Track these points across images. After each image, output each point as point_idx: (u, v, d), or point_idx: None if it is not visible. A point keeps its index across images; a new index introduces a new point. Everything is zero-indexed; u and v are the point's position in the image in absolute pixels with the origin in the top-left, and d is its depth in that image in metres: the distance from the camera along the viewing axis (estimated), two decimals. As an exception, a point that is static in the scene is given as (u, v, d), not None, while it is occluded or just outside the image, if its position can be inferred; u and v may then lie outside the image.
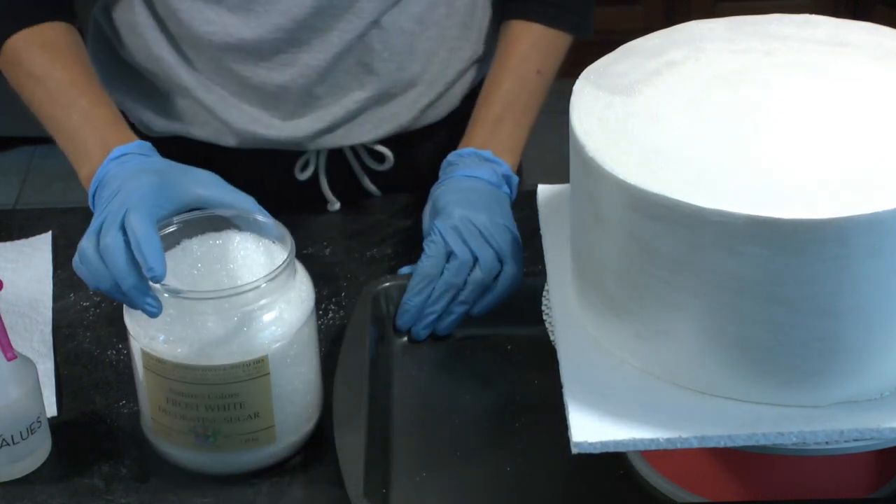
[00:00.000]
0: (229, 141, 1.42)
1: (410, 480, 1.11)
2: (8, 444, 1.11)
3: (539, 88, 1.42)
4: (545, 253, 1.13)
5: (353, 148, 1.46)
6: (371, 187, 1.49)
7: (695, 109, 1.00)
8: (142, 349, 1.08)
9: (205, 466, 1.11)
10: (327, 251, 1.39)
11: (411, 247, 1.38)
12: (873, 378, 0.95)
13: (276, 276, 1.07)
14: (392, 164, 1.46)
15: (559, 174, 1.14)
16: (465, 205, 1.27)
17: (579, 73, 1.06)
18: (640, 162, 0.95)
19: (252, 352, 1.07)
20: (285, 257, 1.09)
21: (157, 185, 1.13)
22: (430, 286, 1.24)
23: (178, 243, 1.12)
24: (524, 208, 1.42)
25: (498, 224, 1.26)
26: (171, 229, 1.12)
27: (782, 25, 1.10)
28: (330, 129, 1.43)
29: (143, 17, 1.39)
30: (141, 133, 1.40)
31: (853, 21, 1.11)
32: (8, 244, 1.41)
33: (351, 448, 1.08)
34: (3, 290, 1.14)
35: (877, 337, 0.94)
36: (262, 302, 1.07)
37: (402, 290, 1.25)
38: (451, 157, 1.36)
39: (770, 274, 0.91)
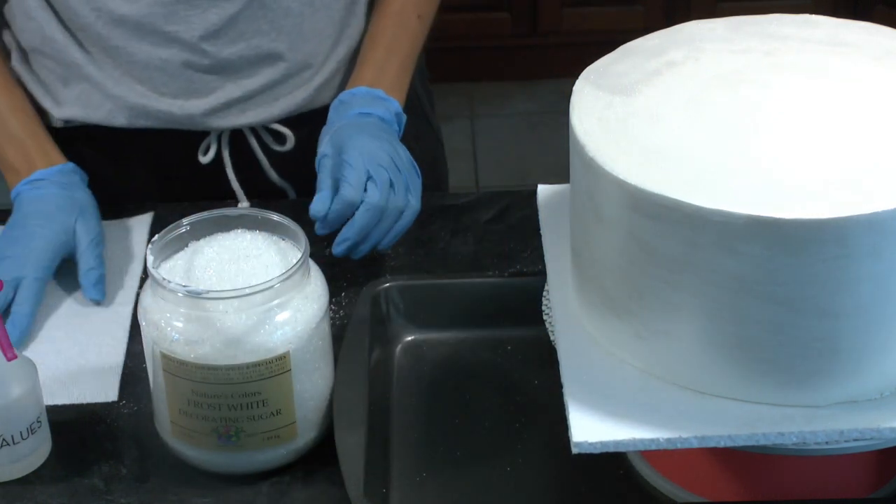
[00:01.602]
0: (121, 120, 1.45)
1: (410, 480, 1.11)
2: (8, 444, 1.11)
3: (419, 32, 1.49)
4: (545, 253, 1.13)
5: (253, 129, 1.49)
6: (274, 176, 1.51)
7: (695, 109, 1.00)
8: (161, 352, 1.08)
9: (226, 466, 1.12)
10: (327, 251, 1.39)
11: (412, 247, 1.38)
12: (873, 378, 0.95)
13: (295, 272, 1.08)
14: (294, 145, 1.49)
15: (559, 174, 1.14)
16: (370, 138, 1.33)
17: (579, 73, 1.06)
18: (640, 162, 0.95)
19: (274, 349, 1.07)
20: (298, 254, 1.10)
21: (42, 249, 1.30)
22: (352, 211, 1.28)
23: (187, 245, 1.12)
24: (524, 208, 1.42)
25: (401, 157, 1.33)
26: (180, 231, 1.12)
27: (782, 25, 1.10)
28: (223, 107, 1.45)
29: (33, 0, 1.41)
30: (50, 127, 1.47)
31: (853, 21, 1.11)
32: (107, 223, 1.42)
33: (351, 448, 1.08)
34: None
35: (877, 337, 0.94)
36: (282, 299, 1.07)
37: (403, 290, 1.25)
38: (343, 95, 1.42)
39: (770, 274, 0.91)
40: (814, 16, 1.12)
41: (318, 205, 1.27)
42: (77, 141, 1.48)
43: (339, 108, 1.40)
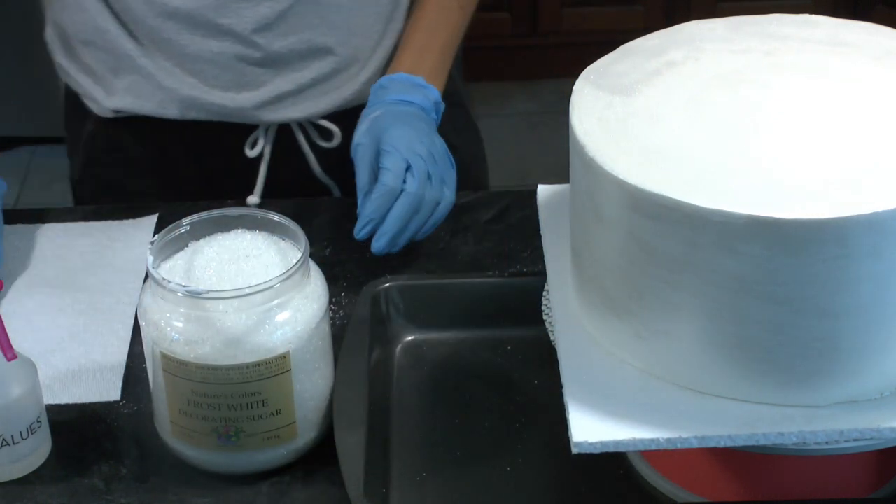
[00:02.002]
0: (172, 112, 1.46)
1: (410, 480, 1.11)
2: (8, 444, 1.11)
3: (460, 22, 1.49)
4: (545, 253, 1.13)
5: (300, 125, 1.50)
6: (319, 172, 1.52)
7: (695, 109, 1.00)
8: (161, 352, 1.08)
9: (226, 466, 1.12)
10: (327, 251, 1.39)
11: (412, 246, 1.38)
12: (873, 378, 0.95)
13: (295, 272, 1.08)
14: (340, 142, 1.49)
15: (559, 174, 1.14)
16: (408, 127, 1.32)
17: (579, 73, 1.06)
18: (640, 162, 0.95)
19: (274, 349, 1.07)
20: (298, 254, 1.10)
21: None
22: (392, 200, 1.28)
23: (187, 245, 1.12)
24: (524, 208, 1.42)
25: (438, 148, 1.32)
26: (180, 231, 1.12)
27: (782, 25, 1.10)
28: (274, 100, 1.46)
29: None
30: (90, 119, 1.50)
31: (853, 21, 1.11)
32: (115, 223, 1.43)
33: (351, 448, 1.08)
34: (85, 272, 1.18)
35: (877, 337, 0.94)
36: (282, 299, 1.07)
37: (403, 290, 1.25)
38: (383, 80, 1.41)
39: (770, 274, 0.91)
40: (814, 16, 1.12)
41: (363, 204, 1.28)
42: (123, 131, 1.49)
43: (378, 92, 1.40)
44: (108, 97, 1.48)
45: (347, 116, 1.48)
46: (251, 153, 1.50)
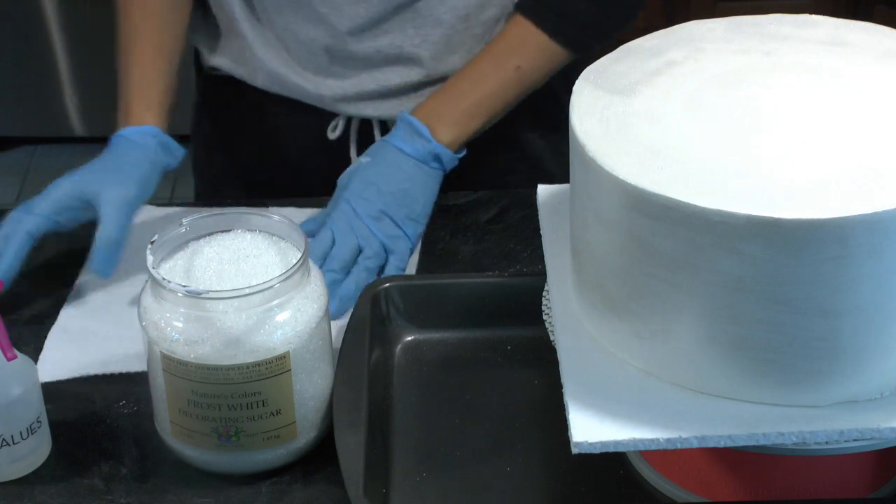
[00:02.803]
0: (260, 80, 1.50)
1: (410, 480, 1.11)
2: (8, 444, 1.11)
3: (514, 82, 1.44)
4: (545, 253, 1.13)
5: (381, 121, 1.51)
6: None
7: (695, 109, 1.00)
8: (161, 352, 1.08)
9: (226, 466, 1.12)
10: (327, 251, 1.39)
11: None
12: (873, 378, 0.95)
13: (295, 272, 1.08)
14: None
15: (559, 174, 1.14)
16: (374, 189, 1.35)
17: (579, 74, 1.06)
18: (640, 162, 0.95)
19: (274, 349, 1.07)
20: (298, 254, 1.10)
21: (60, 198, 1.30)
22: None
23: (187, 245, 1.12)
24: (524, 208, 1.42)
25: (400, 216, 1.34)
26: (180, 231, 1.12)
27: (782, 25, 1.10)
28: (355, 97, 1.48)
29: None
30: (201, 76, 1.58)
31: (853, 21, 1.11)
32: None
33: (351, 448, 1.08)
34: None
35: (877, 337, 0.94)
36: (282, 299, 1.07)
37: (403, 290, 1.25)
38: (401, 114, 1.42)
39: (770, 274, 0.91)
40: (814, 16, 1.12)
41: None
42: (226, 89, 1.55)
43: (397, 122, 1.42)
44: (210, 55, 1.52)
45: None
46: (332, 135, 1.52)
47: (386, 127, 1.51)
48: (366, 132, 1.53)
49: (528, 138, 1.55)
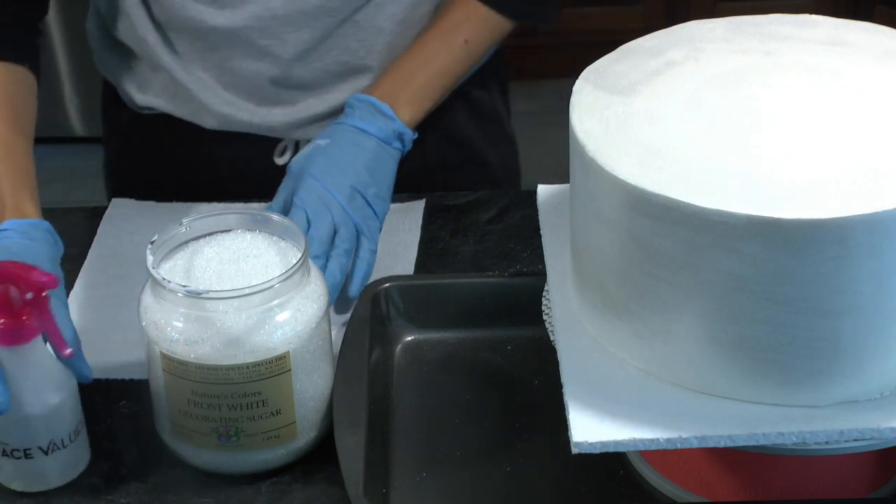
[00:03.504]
0: (209, 122, 1.47)
1: (410, 480, 1.11)
2: (58, 448, 1.10)
3: (463, 57, 1.45)
4: (545, 253, 1.13)
5: None
6: None
7: (695, 109, 1.00)
8: (161, 352, 1.08)
9: (226, 466, 1.12)
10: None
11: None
12: (873, 378, 0.96)
13: (295, 272, 1.08)
14: None
15: (559, 174, 1.14)
16: (339, 168, 1.31)
17: (579, 73, 1.06)
18: (640, 162, 0.95)
19: (274, 349, 1.07)
20: (298, 254, 1.10)
21: None
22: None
23: (187, 245, 1.13)
24: (524, 208, 1.42)
25: (370, 194, 1.31)
26: (180, 231, 1.12)
27: (782, 25, 1.11)
28: (306, 121, 1.47)
29: None
30: (126, 111, 1.51)
31: (853, 21, 1.11)
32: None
33: (351, 448, 1.08)
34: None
35: (877, 337, 0.94)
36: (282, 299, 1.07)
37: (403, 290, 1.25)
38: (350, 99, 1.39)
39: (770, 274, 0.91)
40: (814, 16, 1.12)
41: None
42: (156, 125, 1.51)
43: (346, 110, 1.39)
44: (142, 95, 1.49)
45: None
46: (280, 160, 1.50)
47: None
48: None
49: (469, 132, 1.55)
